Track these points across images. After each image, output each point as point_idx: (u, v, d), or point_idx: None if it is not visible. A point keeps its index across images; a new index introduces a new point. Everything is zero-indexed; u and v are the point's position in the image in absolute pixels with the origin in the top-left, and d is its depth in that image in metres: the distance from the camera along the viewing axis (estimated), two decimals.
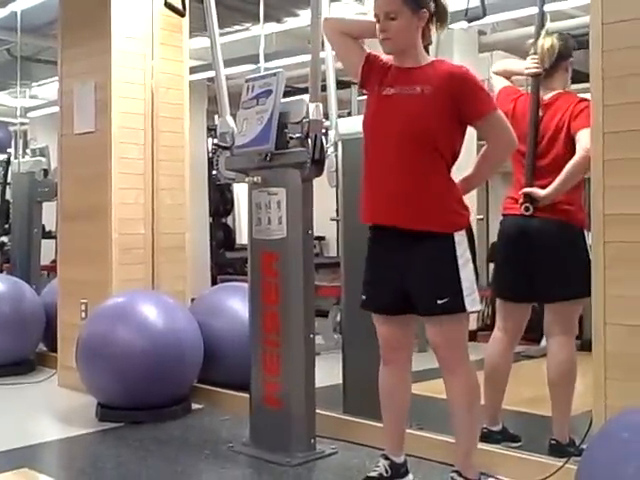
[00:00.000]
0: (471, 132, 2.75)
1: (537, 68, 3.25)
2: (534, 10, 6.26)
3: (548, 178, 3.15)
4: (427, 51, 2.78)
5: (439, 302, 2.58)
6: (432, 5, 2.68)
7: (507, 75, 3.46)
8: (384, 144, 2.69)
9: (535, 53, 3.27)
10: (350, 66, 2.94)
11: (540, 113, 3.24)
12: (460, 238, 2.63)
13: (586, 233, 3.16)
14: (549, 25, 3.33)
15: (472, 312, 2.65)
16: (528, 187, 3.18)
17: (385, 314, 2.76)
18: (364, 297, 2.82)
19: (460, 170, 2.79)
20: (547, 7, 6.20)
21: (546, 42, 3.26)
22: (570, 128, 3.16)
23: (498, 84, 3.44)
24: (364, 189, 2.76)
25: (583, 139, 3.04)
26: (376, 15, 2.69)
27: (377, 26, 2.69)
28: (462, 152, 2.75)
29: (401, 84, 2.68)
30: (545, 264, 3.16)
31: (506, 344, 3.35)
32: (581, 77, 6.03)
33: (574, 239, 3.16)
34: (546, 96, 3.28)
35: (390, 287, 2.71)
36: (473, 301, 2.62)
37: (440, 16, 2.72)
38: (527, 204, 3.17)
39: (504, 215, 3.36)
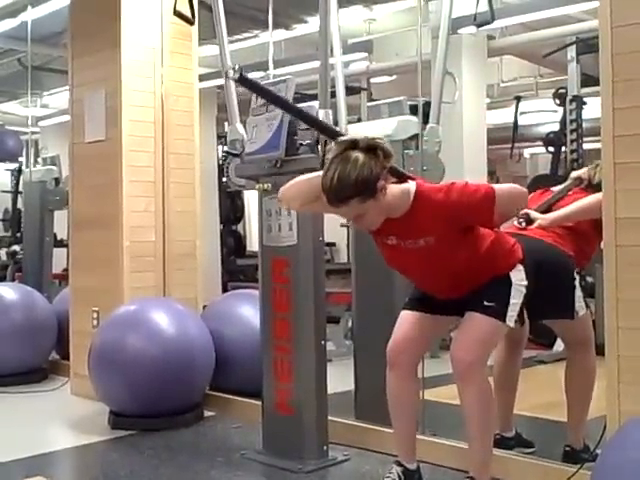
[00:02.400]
0: (479, 135, 2.74)
1: (583, 176, 3.37)
2: (542, 14, 6.28)
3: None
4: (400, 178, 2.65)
5: (486, 303, 2.63)
6: (380, 165, 2.50)
7: None
8: (412, 272, 2.78)
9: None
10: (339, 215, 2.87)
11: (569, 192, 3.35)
12: (515, 271, 2.69)
13: (576, 275, 3.16)
14: (561, 29, 3.35)
15: (507, 326, 2.68)
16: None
17: (420, 312, 2.78)
18: (407, 298, 2.86)
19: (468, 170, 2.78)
20: (556, 11, 6.23)
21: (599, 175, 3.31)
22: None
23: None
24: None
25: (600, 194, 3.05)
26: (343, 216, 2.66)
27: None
28: (469, 153, 2.75)
29: (401, 237, 2.63)
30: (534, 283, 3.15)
31: (512, 350, 3.34)
32: (590, 81, 6.03)
33: (565, 266, 3.14)
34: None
35: (443, 301, 2.77)
36: (512, 318, 2.67)
37: (386, 156, 2.53)
38: (522, 219, 3.19)
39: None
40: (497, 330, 2.69)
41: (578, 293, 3.09)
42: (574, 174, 3.45)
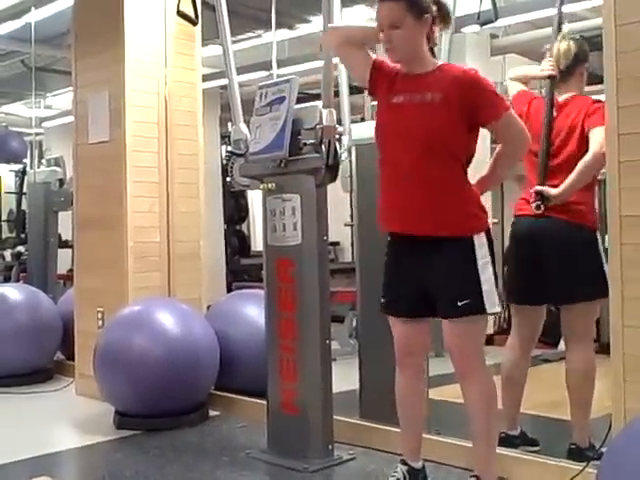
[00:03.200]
0: (484, 132, 2.74)
1: (553, 70, 3.24)
2: (546, 13, 6.27)
3: (560, 177, 3.14)
4: (433, 53, 2.75)
5: (459, 304, 2.57)
6: (434, 8, 2.66)
7: (523, 80, 3.46)
8: (397, 153, 2.67)
9: (551, 56, 3.25)
10: (357, 74, 2.96)
11: (554, 114, 3.23)
12: (480, 240, 2.62)
13: (599, 235, 3.15)
14: (565, 28, 3.33)
15: (492, 314, 2.63)
16: (540, 186, 3.17)
17: (404, 317, 2.75)
18: (383, 300, 2.81)
19: (471, 169, 2.78)
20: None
21: (562, 45, 3.26)
22: (584, 126, 3.15)
23: (513, 89, 3.44)
24: (380, 197, 2.75)
25: (596, 137, 3.03)
26: (379, 25, 2.69)
27: (381, 35, 2.68)
28: (476, 151, 2.74)
29: (410, 92, 2.66)
30: (557, 265, 3.14)
31: (523, 350, 3.34)
32: (595, 79, 6.01)
33: (586, 240, 3.14)
34: (561, 98, 3.28)
35: (410, 290, 2.71)
36: (493, 303, 2.60)
37: (443, 18, 2.71)
38: (538, 202, 3.15)
39: (516, 216, 3.36)
40: (480, 323, 2.65)
41: (606, 268, 2.98)
42: (542, 72, 3.27)
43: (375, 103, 2.87)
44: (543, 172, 3.18)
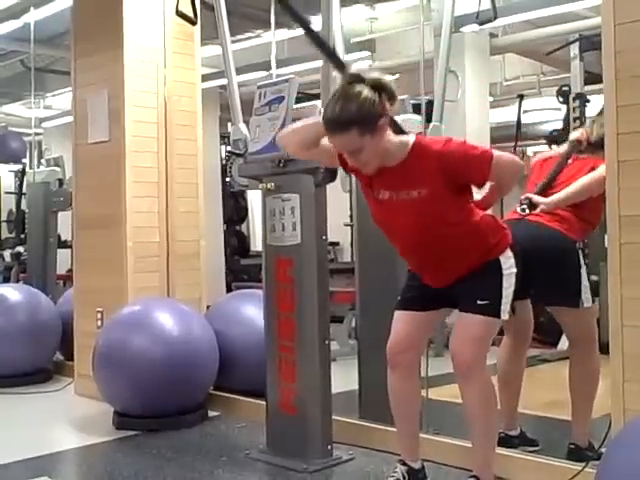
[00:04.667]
0: (482, 133, 2.74)
1: (582, 136, 3.31)
2: (545, 12, 6.27)
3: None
4: (395, 127, 2.65)
5: (479, 302, 2.61)
6: (379, 100, 2.46)
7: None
8: (398, 236, 2.72)
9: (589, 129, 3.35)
10: (326, 164, 3.02)
11: (570, 161, 3.31)
12: (506, 256, 2.66)
13: (580, 251, 3.17)
14: (564, 27, 3.36)
15: (502, 321, 2.68)
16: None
17: (411, 310, 2.77)
18: (400, 298, 2.84)
19: None
20: (559, 9, 6.22)
21: (602, 130, 3.31)
22: (594, 166, 3.19)
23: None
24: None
25: (601, 168, 3.04)
26: (339, 150, 2.62)
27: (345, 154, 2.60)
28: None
29: (393, 189, 2.60)
30: (536, 267, 3.13)
31: (515, 347, 3.34)
32: (593, 79, 6.01)
33: (565, 248, 3.14)
34: (581, 156, 3.34)
35: (432, 292, 2.74)
36: (505, 310, 2.64)
37: (390, 97, 2.52)
38: (524, 206, 3.18)
39: (506, 220, 3.37)
40: (492, 326, 2.67)
41: (585, 283, 3.09)
42: (572, 137, 3.37)
43: None
44: (542, 191, 3.25)
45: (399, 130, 2.66)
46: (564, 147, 3.40)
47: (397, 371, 2.79)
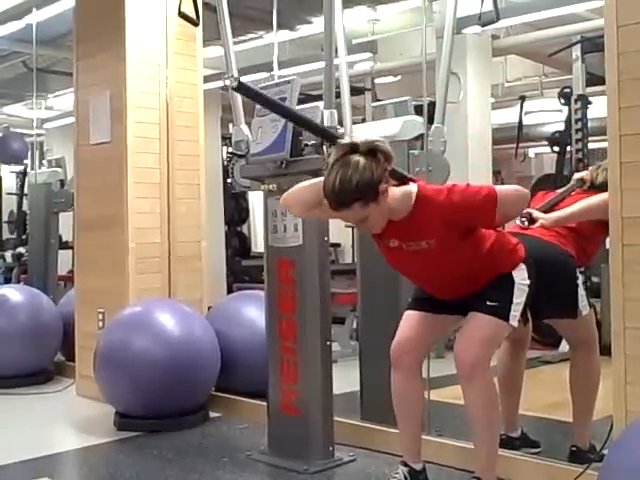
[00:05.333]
0: (484, 135, 2.74)
1: (587, 177, 3.35)
2: (547, 14, 6.26)
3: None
4: (397, 178, 2.64)
5: (488, 303, 2.63)
6: (381, 169, 2.48)
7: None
8: (413, 274, 2.79)
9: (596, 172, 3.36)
10: (332, 218, 2.98)
11: (572, 193, 3.35)
12: (518, 270, 2.69)
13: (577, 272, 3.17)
14: (566, 29, 3.36)
15: (510, 326, 2.68)
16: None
17: (424, 311, 2.78)
18: (411, 299, 2.86)
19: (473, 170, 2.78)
20: (561, 10, 6.22)
21: (606, 174, 3.33)
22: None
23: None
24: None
25: (604, 194, 3.03)
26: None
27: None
28: (474, 153, 2.75)
29: (402, 240, 2.63)
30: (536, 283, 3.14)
31: (515, 350, 3.34)
32: (595, 80, 6.00)
33: (562, 261, 3.14)
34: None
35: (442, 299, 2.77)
36: (515, 318, 2.66)
37: (387, 158, 2.52)
38: (524, 219, 3.18)
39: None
40: (500, 329, 2.68)
41: (581, 292, 3.10)
42: (577, 175, 3.45)
43: (377, 104, 2.85)
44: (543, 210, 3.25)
45: (400, 177, 2.65)
46: (568, 185, 3.44)
47: (401, 372, 2.79)
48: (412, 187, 2.62)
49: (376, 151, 2.50)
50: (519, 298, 2.66)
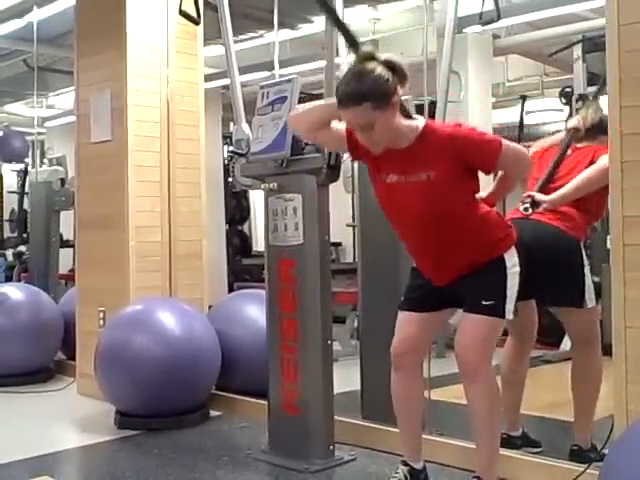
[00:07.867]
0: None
1: (579, 124, 3.31)
2: (548, 13, 6.26)
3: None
4: (406, 112, 2.65)
5: (484, 303, 2.61)
6: (392, 80, 2.49)
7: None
8: (408, 228, 2.72)
9: (582, 115, 3.33)
10: (334, 149, 3.06)
11: (569, 152, 3.29)
12: (510, 254, 2.66)
13: (583, 249, 3.17)
14: (567, 28, 3.36)
15: (506, 320, 2.68)
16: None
17: (415, 311, 2.77)
18: (403, 299, 2.84)
19: None
20: (562, 10, 6.21)
21: (590, 109, 3.30)
22: (593, 158, 3.18)
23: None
24: (410, 255, 2.82)
25: (603, 159, 3.02)
26: (350, 125, 2.62)
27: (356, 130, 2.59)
28: None
29: (402, 172, 2.61)
30: (541, 267, 3.12)
31: (519, 348, 3.34)
32: (596, 80, 6.00)
33: (570, 248, 3.14)
34: (580, 144, 3.32)
35: (437, 292, 2.74)
36: (510, 310, 2.65)
37: (402, 79, 2.52)
38: (527, 205, 3.16)
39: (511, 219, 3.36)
40: (497, 326, 2.67)
41: (589, 282, 3.09)
42: (570, 125, 3.36)
43: None
44: (542, 187, 3.22)
45: (408, 115, 2.66)
46: (562, 135, 3.38)
47: (401, 372, 2.79)
48: (419, 121, 2.65)
49: (395, 67, 2.51)
50: (512, 289, 2.64)
